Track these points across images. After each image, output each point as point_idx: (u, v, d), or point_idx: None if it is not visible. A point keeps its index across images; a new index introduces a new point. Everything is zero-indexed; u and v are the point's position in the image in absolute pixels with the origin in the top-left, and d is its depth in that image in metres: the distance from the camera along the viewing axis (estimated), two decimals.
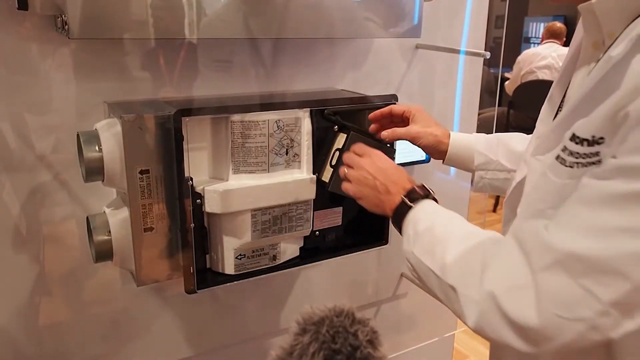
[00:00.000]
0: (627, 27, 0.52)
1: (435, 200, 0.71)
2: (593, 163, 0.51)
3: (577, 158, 0.53)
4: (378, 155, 0.78)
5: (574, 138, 0.53)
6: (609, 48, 0.54)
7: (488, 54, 1.04)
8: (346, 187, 0.79)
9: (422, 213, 0.68)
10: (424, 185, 0.72)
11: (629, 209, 0.46)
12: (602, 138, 0.50)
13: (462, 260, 0.59)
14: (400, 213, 0.70)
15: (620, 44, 0.50)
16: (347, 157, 0.80)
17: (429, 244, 0.64)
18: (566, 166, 0.54)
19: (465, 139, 0.87)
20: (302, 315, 0.50)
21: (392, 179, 0.73)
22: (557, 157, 0.55)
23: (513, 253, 0.54)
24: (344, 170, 0.79)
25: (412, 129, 0.85)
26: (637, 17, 0.51)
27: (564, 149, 0.54)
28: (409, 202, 0.69)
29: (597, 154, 0.50)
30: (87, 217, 0.84)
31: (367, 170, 0.76)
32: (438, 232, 0.64)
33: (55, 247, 0.89)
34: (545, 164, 0.59)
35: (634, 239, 0.46)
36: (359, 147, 0.81)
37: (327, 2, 0.86)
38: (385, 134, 0.86)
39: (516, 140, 0.85)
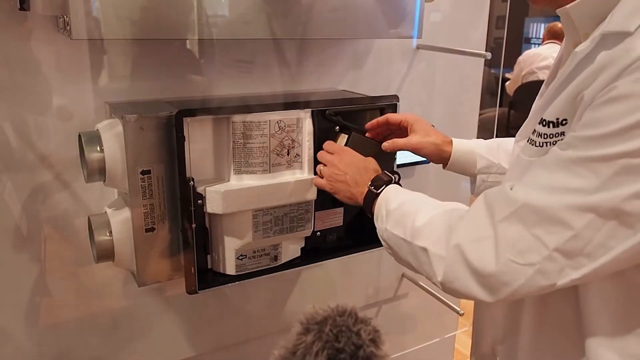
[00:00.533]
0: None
1: (399, 184, 0.78)
2: (558, 142, 0.58)
3: (545, 138, 0.60)
4: (346, 151, 0.85)
5: (542, 121, 0.60)
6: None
7: (489, 55, 1.04)
8: (321, 183, 0.85)
9: (390, 195, 0.74)
10: (386, 172, 0.79)
11: (576, 171, 0.53)
12: (565, 120, 0.58)
13: (430, 224, 0.65)
14: (369, 200, 0.76)
15: (586, 42, 0.57)
16: (320, 155, 0.86)
17: (400, 217, 0.69)
18: (535, 146, 0.61)
19: (466, 144, 0.88)
20: (305, 315, 0.50)
21: (360, 172, 0.80)
22: (528, 140, 0.63)
23: (479, 209, 0.60)
24: (319, 168, 0.86)
25: (413, 139, 0.86)
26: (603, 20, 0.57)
27: (534, 132, 0.62)
28: (374, 190, 0.76)
29: (562, 133, 0.58)
30: (89, 217, 0.84)
31: (337, 167, 0.82)
32: (407, 207, 0.70)
33: (56, 247, 0.89)
34: (519, 148, 0.67)
35: (578, 195, 0.53)
36: (329, 145, 0.86)
37: (328, 3, 0.86)
38: (386, 145, 0.87)
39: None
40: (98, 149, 0.77)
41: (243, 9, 0.81)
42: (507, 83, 3.82)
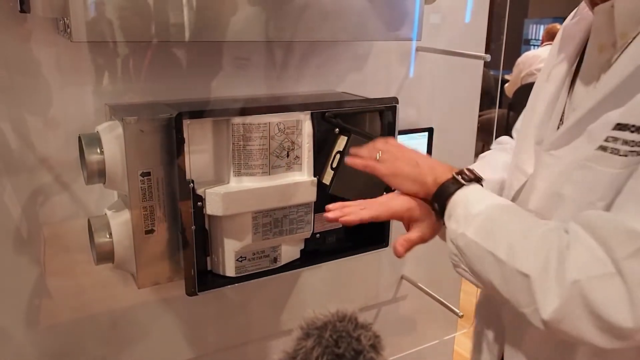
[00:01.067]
0: None
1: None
2: None
3: (632, 146, 0.53)
4: (405, 145, 0.75)
5: (624, 127, 0.53)
6: (627, 47, 0.56)
7: (488, 57, 1.04)
8: (377, 167, 0.72)
9: (474, 194, 0.64)
10: (472, 170, 0.67)
11: None
12: None
13: (534, 247, 0.55)
14: (447, 191, 0.65)
15: None
16: (381, 144, 0.74)
17: (486, 226, 0.60)
18: (620, 155, 0.54)
19: None
20: (305, 320, 0.50)
21: (434, 161, 0.70)
22: (605, 149, 0.55)
23: (589, 243, 0.52)
24: (377, 152, 0.73)
25: (424, 231, 0.72)
26: None
27: (611, 139, 0.54)
28: (461, 180, 0.65)
29: None
30: (89, 219, 0.84)
31: (408, 150, 0.72)
32: (496, 215, 0.61)
33: (56, 249, 0.89)
34: (575, 157, 0.58)
35: None
36: (388, 140, 0.77)
37: (327, 5, 0.86)
38: (400, 249, 0.71)
39: (489, 169, 0.82)
40: (98, 151, 0.77)
41: (242, 11, 0.81)
42: (506, 85, 3.83)
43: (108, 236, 0.81)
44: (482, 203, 0.62)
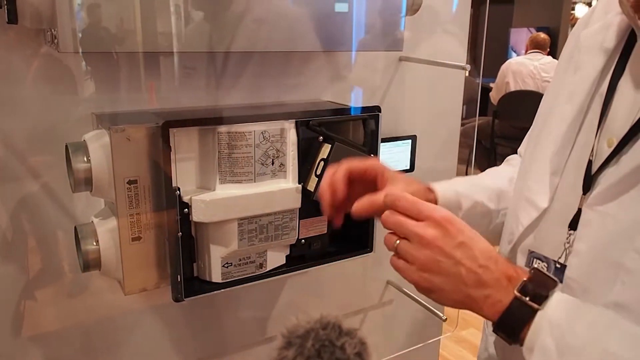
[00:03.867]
0: None
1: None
2: None
3: None
4: (449, 217, 0.53)
5: None
6: None
7: (468, 67, 1.07)
8: (401, 268, 0.55)
9: (562, 315, 0.48)
10: (537, 268, 0.52)
11: None
12: None
13: None
14: (517, 318, 0.49)
15: None
16: (392, 218, 0.55)
17: None
18: None
19: (448, 188, 0.74)
20: (287, 328, 0.48)
21: (482, 258, 0.51)
22: None
23: None
24: (392, 242, 0.55)
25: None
26: None
27: None
28: (532, 305, 0.48)
29: None
30: (75, 227, 0.85)
31: (439, 247, 0.51)
32: (605, 346, 0.46)
33: (42, 257, 0.90)
34: (636, 216, 0.48)
35: None
36: (406, 202, 0.54)
37: (311, 16, 0.88)
38: (357, 208, 0.63)
39: (489, 177, 0.80)
40: (85, 159, 0.78)
41: (227, 22, 0.83)
42: (491, 92, 3.89)
43: (95, 243, 0.82)
44: (582, 326, 0.47)
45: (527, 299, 0.49)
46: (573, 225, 0.57)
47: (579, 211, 0.56)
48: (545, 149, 0.61)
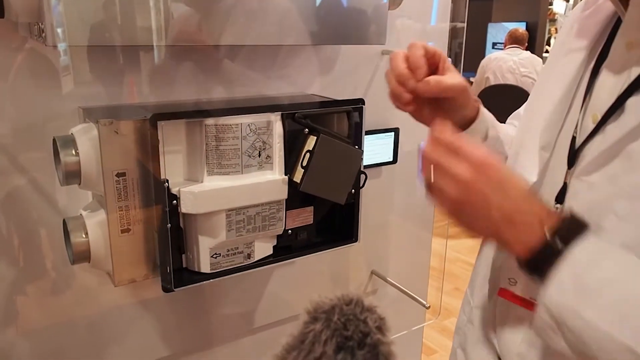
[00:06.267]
0: None
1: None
2: None
3: None
4: (488, 159, 0.53)
5: None
6: None
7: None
8: (438, 202, 0.56)
9: (586, 256, 0.49)
10: (571, 213, 0.52)
11: None
12: None
13: None
14: (544, 257, 0.50)
15: None
16: (433, 151, 0.55)
17: (620, 312, 0.46)
18: None
19: (486, 111, 0.74)
20: (311, 304, 0.50)
21: (516, 201, 0.52)
22: None
23: None
24: (429, 173, 0.56)
25: (456, 77, 0.66)
26: None
27: None
28: (561, 246, 0.49)
29: None
30: (64, 220, 0.86)
31: (478, 189, 0.52)
32: (633, 292, 0.47)
33: (31, 251, 0.90)
34: (618, 185, 0.50)
35: None
36: (449, 136, 0.55)
37: (295, 10, 0.90)
38: (433, 81, 0.63)
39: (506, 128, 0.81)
40: (73, 152, 0.79)
41: (215, 16, 0.84)
42: (471, 87, 3.94)
43: (84, 236, 0.83)
44: (603, 268, 0.48)
45: (557, 241, 0.50)
46: (559, 199, 0.59)
47: (565, 185, 0.59)
48: (536, 125, 0.64)
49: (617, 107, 0.54)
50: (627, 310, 0.46)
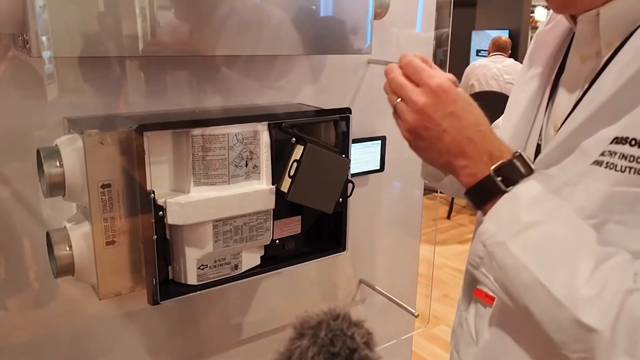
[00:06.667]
0: (631, 37, 0.52)
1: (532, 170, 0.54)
2: None
3: (631, 161, 0.49)
4: (444, 86, 0.55)
5: (624, 141, 0.49)
6: (613, 56, 0.54)
7: None
8: (398, 126, 0.59)
9: (528, 193, 0.52)
10: (520, 154, 0.54)
11: None
12: None
13: (605, 297, 0.46)
14: (485, 191, 0.54)
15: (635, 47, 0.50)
16: (396, 82, 0.58)
17: (541, 246, 0.50)
18: (617, 170, 0.50)
19: None
20: (298, 320, 0.50)
21: (468, 130, 0.54)
22: (600, 163, 0.51)
23: None
24: (393, 101, 0.59)
25: None
26: (638, 27, 0.52)
27: (608, 153, 0.50)
28: (501, 185, 0.53)
29: None
30: (47, 232, 0.84)
31: (428, 114, 0.55)
32: (556, 233, 0.50)
33: (13, 264, 0.88)
34: (568, 175, 0.53)
35: None
36: (412, 67, 0.57)
37: (281, 21, 0.90)
38: None
39: None
40: (57, 164, 0.78)
41: (198, 26, 0.84)
42: None
43: (68, 249, 0.82)
44: (538, 209, 0.51)
45: (499, 179, 0.53)
46: None
47: None
48: (504, 135, 0.67)
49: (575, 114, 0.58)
50: (545, 248, 0.50)
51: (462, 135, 0.54)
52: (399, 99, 0.58)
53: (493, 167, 0.53)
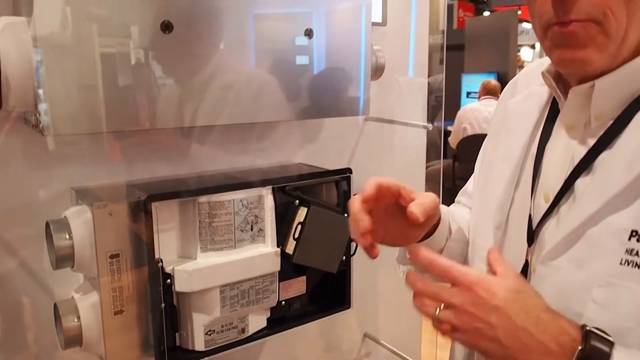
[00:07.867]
0: (634, 116, 0.53)
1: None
2: None
3: None
4: (477, 281, 0.52)
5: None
6: (608, 131, 0.54)
7: (430, 126, 1.14)
8: (450, 335, 0.54)
9: None
10: (589, 330, 0.49)
11: None
12: None
13: None
14: None
15: None
16: (428, 292, 0.55)
17: None
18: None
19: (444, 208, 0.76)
20: None
21: (518, 320, 0.50)
22: (627, 263, 0.49)
23: None
24: (432, 312, 0.54)
25: (429, 199, 0.64)
26: (633, 99, 0.53)
27: (631, 251, 0.49)
28: None
29: None
30: (55, 304, 0.85)
31: (471, 314, 0.51)
32: None
33: (20, 335, 0.88)
34: (591, 270, 0.52)
35: None
36: (438, 266, 0.55)
37: (284, 89, 0.93)
38: (416, 212, 0.61)
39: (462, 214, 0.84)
40: (67, 236, 0.79)
41: (202, 98, 0.86)
42: (450, 137, 4.04)
43: (76, 320, 0.82)
44: None
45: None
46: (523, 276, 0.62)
47: (527, 263, 0.62)
48: (488, 207, 0.68)
49: (567, 188, 0.58)
50: None
51: (514, 326, 0.50)
52: (437, 309, 0.54)
53: (574, 358, 0.48)
